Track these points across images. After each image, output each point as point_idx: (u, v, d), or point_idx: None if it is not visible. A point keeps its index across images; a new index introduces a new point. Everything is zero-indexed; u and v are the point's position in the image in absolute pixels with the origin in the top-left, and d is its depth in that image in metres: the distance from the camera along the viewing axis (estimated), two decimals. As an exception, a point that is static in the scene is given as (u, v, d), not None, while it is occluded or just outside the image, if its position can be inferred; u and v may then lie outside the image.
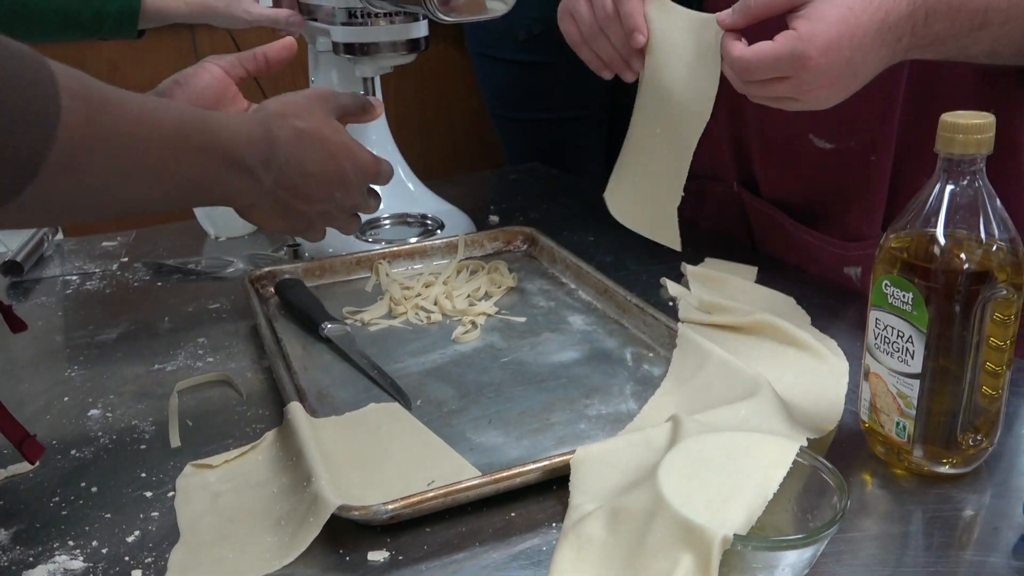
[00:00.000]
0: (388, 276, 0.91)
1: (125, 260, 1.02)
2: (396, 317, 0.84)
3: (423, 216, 1.05)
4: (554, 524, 0.55)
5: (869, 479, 0.58)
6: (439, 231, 1.02)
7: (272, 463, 0.61)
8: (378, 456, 0.61)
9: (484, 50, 1.48)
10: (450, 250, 0.96)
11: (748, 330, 0.75)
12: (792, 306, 0.82)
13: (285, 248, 1.01)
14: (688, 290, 0.85)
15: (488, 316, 0.83)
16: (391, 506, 0.53)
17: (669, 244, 0.79)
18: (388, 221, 1.04)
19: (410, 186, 1.07)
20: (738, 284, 0.85)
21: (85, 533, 0.55)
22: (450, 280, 0.90)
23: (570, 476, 0.56)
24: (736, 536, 0.44)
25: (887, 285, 0.55)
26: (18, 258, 0.97)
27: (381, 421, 0.66)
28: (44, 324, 0.87)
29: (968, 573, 0.50)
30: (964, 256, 0.52)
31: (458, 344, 0.78)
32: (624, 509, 0.50)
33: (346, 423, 0.65)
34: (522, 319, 0.82)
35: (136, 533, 0.55)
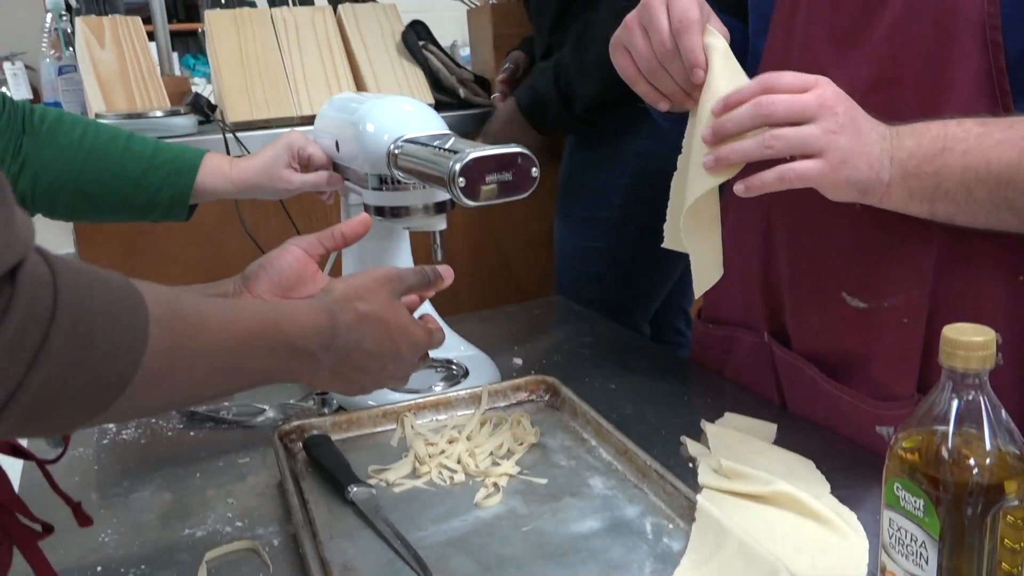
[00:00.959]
0: (413, 429, 0.93)
1: (160, 405, 1.05)
2: (420, 477, 0.85)
3: (448, 362, 1.07)
4: None
5: (889, 677, 0.58)
6: (463, 378, 1.04)
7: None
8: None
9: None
10: (474, 400, 0.98)
11: (767, 500, 0.76)
12: (811, 470, 0.82)
13: (314, 397, 1.04)
14: (707, 449, 0.86)
15: (510, 476, 0.84)
16: None
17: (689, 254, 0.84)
18: (415, 367, 1.06)
19: (437, 331, 1.10)
20: (756, 445, 0.86)
21: None
22: (473, 435, 0.92)
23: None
24: None
25: (899, 488, 0.56)
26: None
27: (404, 602, 0.67)
28: (80, 480, 0.89)
29: None
30: (975, 468, 0.53)
31: (480, 510, 0.79)
32: None
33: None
34: (543, 480, 0.84)
35: None
